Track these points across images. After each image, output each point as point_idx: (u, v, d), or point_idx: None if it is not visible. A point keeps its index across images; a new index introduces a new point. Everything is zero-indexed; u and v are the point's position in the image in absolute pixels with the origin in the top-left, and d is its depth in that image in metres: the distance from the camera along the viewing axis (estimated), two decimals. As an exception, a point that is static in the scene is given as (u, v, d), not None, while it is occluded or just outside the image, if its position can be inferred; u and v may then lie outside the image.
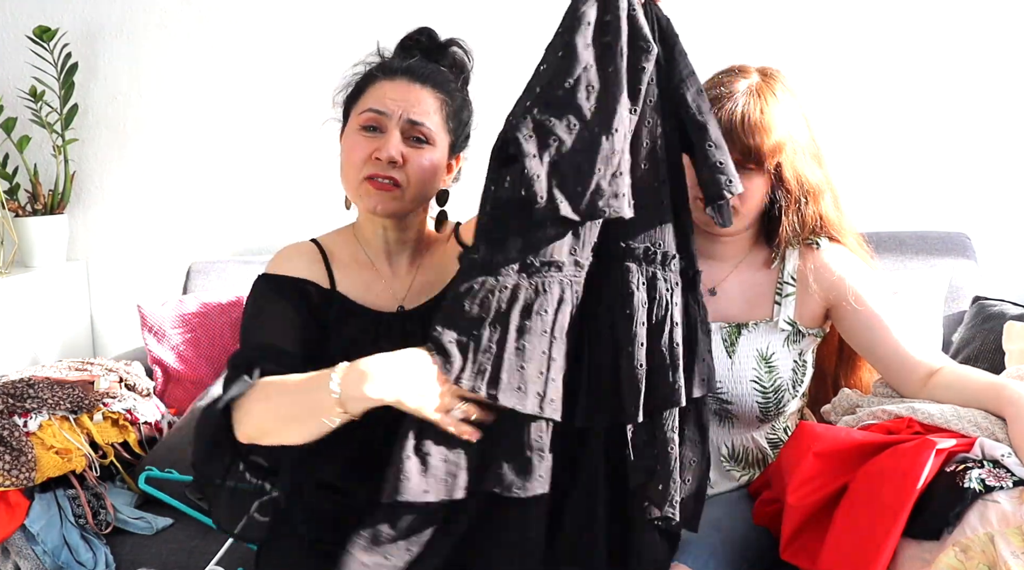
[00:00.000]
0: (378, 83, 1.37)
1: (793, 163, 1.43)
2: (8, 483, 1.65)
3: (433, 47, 1.43)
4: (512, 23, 2.43)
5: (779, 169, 1.42)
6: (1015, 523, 1.05)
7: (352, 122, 1.38)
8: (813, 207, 1.47)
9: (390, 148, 1.32)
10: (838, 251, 1.50)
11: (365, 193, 1.35)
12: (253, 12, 2.56)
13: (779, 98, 1.43)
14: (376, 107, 1.34)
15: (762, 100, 1.41)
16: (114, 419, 1.91)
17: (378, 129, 1.34)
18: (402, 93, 1.34)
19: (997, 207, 2.35)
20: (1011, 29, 2.30)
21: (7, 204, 2.57)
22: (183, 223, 2.68)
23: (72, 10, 2.61)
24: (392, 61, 1.40)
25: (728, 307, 1.51)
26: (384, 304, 1.41)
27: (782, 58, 2.30)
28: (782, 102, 1.43)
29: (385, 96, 1.34)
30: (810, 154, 1.46)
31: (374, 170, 1.33)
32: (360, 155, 1.34)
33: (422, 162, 1.35)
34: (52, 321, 2.61)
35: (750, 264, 1.53)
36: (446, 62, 1.44)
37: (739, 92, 1.41)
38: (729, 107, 1.40)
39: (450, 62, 1.44)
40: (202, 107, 2.62)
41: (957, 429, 1.21)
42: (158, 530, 1.78)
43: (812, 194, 1.46)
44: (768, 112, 1.40)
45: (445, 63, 1.43)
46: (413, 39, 1.43)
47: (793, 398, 1.50)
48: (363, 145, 1.34)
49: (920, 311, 2.01)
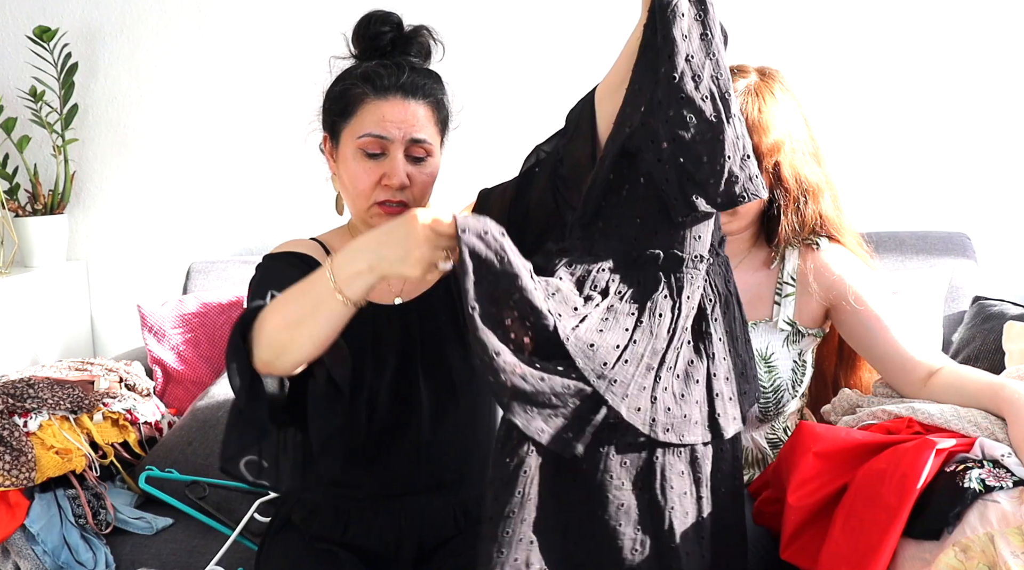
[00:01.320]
0: (371, 103, 1.34)
1: (792, 162, 1.43)
2: (8, 483, 1.65)
3: (401, 38, 1.40)
4: (505, 14, 2.44)
5: (777, 168, 1.42)
6: (1015, 523, 1.05)
7: (348, 144, 1.36)
8: (813, 206, 1.47)
9: (400, 174, 1.32)
10: (838, 251, 1.50)
11: (376, 216, 1.36)
12: (253, 12, 2.56)
13: (777, 98, 1.43)
14: (377, 132, 1.33)
15: (760, 99, 1.41)
16: (114, 419, 1.91)
17: (381, 153, 1.34)
18: (400, 113, 1.33)
19: (997, 207, 2.35)
20: (1011, 29, 2.30)
21: (7, 204, 2.57)
22: (183, 223, 2.68)
23: (72, 10, 2.61)
24: (380, 77, 1.35)
25: None
26: (382, 298, 1.41)
27: (782, 58, 2.30)
28: (780, 102, 1.43)
29: (384, 119, 1.33)
30: (809, 153, 1.46)
31: (384, 196, 1.34)
32: (367, 182, 1.34)
33: (426, 177, 1.36)
34: (52, 321, 2.61)
35: (750, 264, 1.53)
36: (414, 50, 1.41)
37: (738, 92, 1.42)
38: None
39: (417, 50, 1.41)
40: (202, 107, 2.62)
41: (957, 429, 1.21)
42: (158, 530, 1.78)
43: (811, 193, 1.46)
44: (766, 111, 1.41)
45: (414, 52, 1.40)
46: (382, 33, 1.39)
47: (793, 398, 1.51)
48: (369, 172, 1.34)
49: (920, 311, 2.01)
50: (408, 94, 1.35)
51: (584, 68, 2.45)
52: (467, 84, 1.46)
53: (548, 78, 2.45)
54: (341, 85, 1.38)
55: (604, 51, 2.42)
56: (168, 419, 2.09)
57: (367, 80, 1.35)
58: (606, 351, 1.08)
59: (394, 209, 1.34)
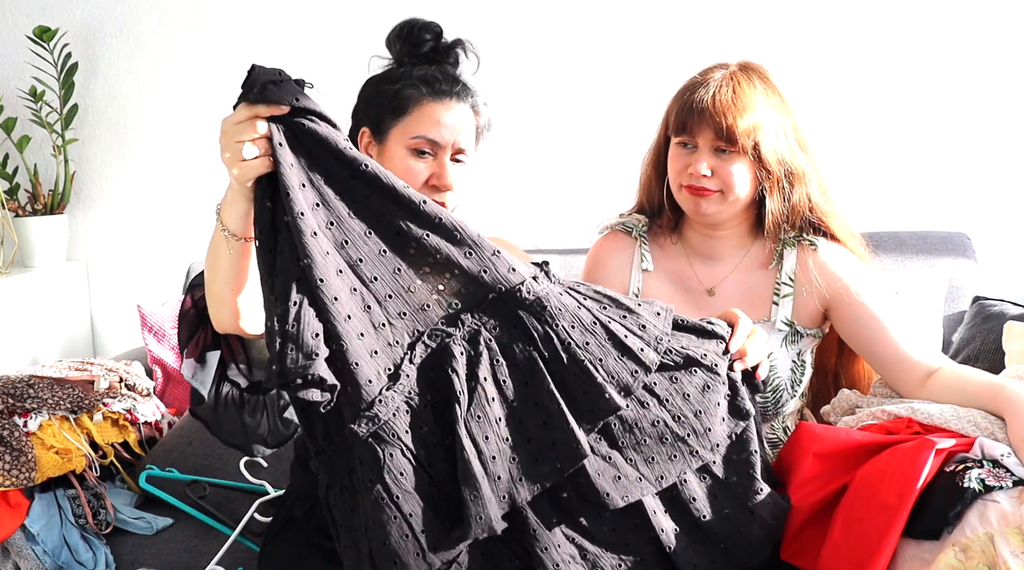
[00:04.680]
0: (427, 104, 1.38)
1: (774, 146, 1.43)
2: (8, 483, 1.65)
3: (441, 48, 1.44)
4: (517, 21, 2.44)
5: (757, 149, 1.42)
6: (1015, 523, 1.05)
7: (398, 142, 1.39)
8: (799, 189, 1.47)
9: (450, 177, 1.37)
10: (837, 250, 1.50)
11: None
12: (253, 12, 2.56)
13: (756, 85, 1.44)
14: (430, 136, 1.37)
15: (735, 83, 1.43)
16: (114, 419, 1.91)
17: (429, 153, 1.38)
18: (453, 119, 1.38)
19: (997, 207, 2.35)
20: (1011, 29, 2.30)
21: (7, 204, 2.57)
22: (183, 223, 2.68)
23: (72, 10, 2.61)
24: (439, 81, 1.39)
25: (726, 308, 1.51)
26: None
27: (782, 58, 2.30)
28: (758, 88, 1.44)
29: (440, 123, 1.37)
30: (794, 140, 1.47)
31: (430, 195, 1.36)
32: (417, 181, 1.37)
33: (463, 178, 1.41)
34: (52, 321, 2.61)
35: (748, 264, 1.53)
36: (451, 60, 1.44)
37: (714, 79, 1.44)
38: (702, 91, 1.43)
39: (454, 60, 1.45)
40: (202, 107, 2.62)
41: (956, 429, 1.21)
42: (158, 530, 1.78)
43: (796, 177, 1.46)
44: (741, 93, 1.42)
45: (451, 61, 1.44)
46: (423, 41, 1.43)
47: (792, 398, 1.51)
48: (418, 171, 1.37)
49: (920, 311, 2.01)
50: (462, 100, 1.39)
51: (599, 76, 2.45)
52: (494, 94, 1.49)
53: (567, 88, 2.45)
54: (396, 84, 1.40)
55: (612, 56, 2.43)
56: (168, 419, 2.09)
57: (426, 82, 1.39)
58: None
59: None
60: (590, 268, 1.62)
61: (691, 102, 1.43)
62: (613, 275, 1.57)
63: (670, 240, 1.58)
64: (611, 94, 2.44)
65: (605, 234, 1.63)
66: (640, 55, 2.41)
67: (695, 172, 1.43)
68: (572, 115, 2.46)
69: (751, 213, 1.51)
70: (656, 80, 2.33)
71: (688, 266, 1.56)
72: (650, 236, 1.58)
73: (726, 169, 1.42)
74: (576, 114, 2.46)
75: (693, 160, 1.44)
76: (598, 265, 1.60)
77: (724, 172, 1.43)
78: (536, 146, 2.49)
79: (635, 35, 2.42)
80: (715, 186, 1.44)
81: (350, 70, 1.50)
